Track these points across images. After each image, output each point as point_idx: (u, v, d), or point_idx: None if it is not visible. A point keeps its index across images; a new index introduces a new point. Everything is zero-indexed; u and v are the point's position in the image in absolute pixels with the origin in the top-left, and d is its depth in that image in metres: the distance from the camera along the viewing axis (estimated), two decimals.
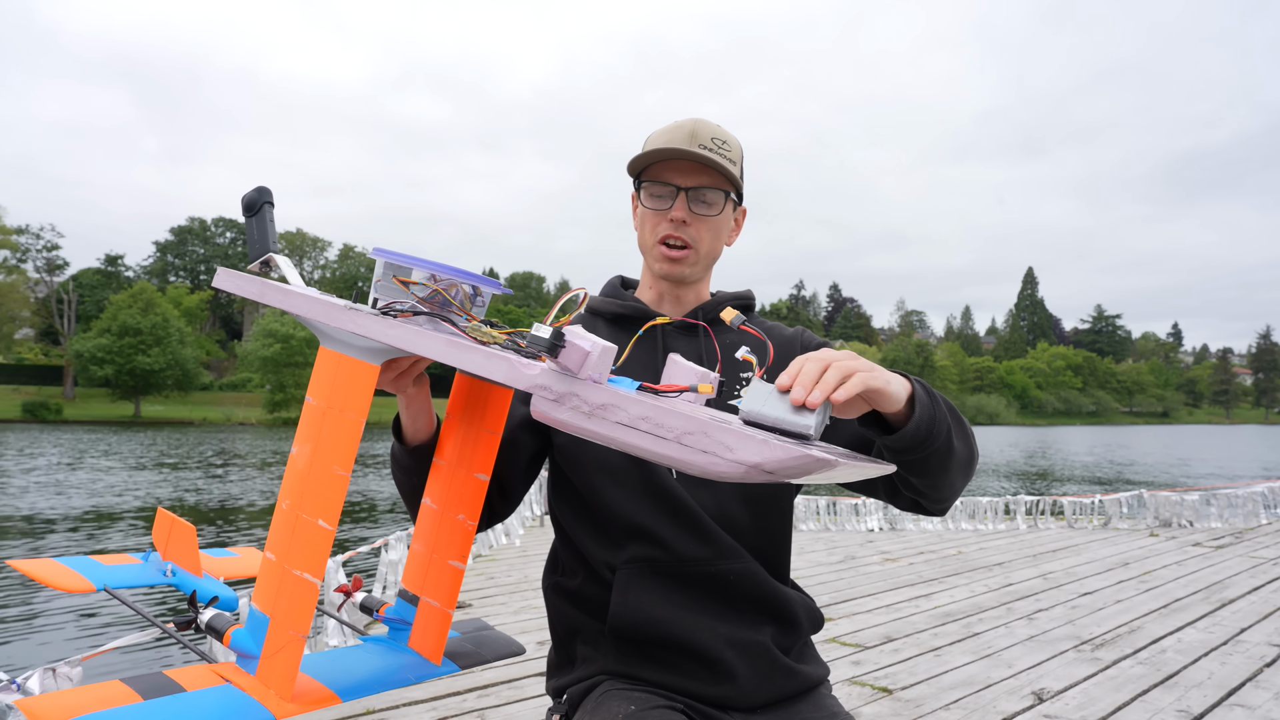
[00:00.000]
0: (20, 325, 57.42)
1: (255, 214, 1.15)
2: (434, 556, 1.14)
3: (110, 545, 9.45)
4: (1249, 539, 7.67)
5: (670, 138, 1.27)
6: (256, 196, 1.16)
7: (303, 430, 0.93)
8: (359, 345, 0.92)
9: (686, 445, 0.73)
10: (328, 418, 0.92)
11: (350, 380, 0.92)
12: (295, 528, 0.91)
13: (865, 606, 4.80)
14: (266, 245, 1.14)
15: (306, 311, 0.96)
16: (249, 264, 1.13)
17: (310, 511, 0.90)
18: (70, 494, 14.08)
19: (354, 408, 0.91)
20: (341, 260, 71.78)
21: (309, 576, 0.89)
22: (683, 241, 1.28)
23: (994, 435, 59.59)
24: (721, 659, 1.21)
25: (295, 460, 0.92)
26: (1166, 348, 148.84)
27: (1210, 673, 3.57)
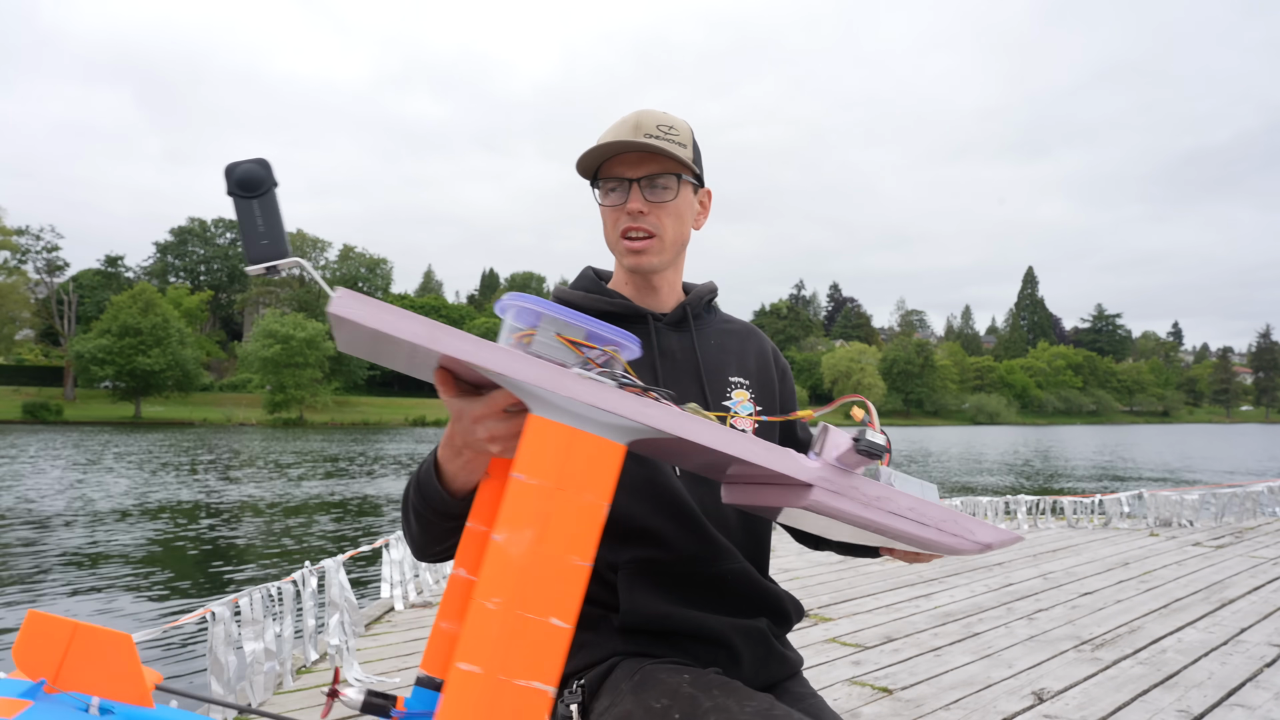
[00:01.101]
0: (20, 326, 57.43)
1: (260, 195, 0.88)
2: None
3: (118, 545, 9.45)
4: (1249, 539, 7.67)
5: (615, 133, 1.26)
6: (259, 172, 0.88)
7: (514, 513, 0.80)
8: (602, 421, 0.82)
9: (943, 530, 0.90)
10: (558, 500, 0.80)
11: (587, 459, 0.82)
12: (517, 630, 0.78)
13: (865, 606, 4.80)
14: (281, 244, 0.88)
15: (519, 374, 0.79)
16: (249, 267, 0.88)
17: (538, 610, 0.79)
18: (89, 494, 14.08)
19: (595, 490, 0.81)
20: (342, 260, 71.78)
21: (539, 685, 0.78)
22: (645, 231, 1.28)
23: (994, 435, 59.56)
24: (730, 642, 1.25)
25: (506, 548, 0.79)
26: (1167, 347, 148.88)
27: (1210, 673, 3.57)
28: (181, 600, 7.08)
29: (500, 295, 0.87)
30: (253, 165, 0.88)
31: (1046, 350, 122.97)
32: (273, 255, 0.87)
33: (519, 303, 0.83)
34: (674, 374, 1.33)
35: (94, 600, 6.98)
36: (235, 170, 0.87)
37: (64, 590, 7.31)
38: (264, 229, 0.88)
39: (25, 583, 7.58)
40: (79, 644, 0.97)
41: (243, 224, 0.87)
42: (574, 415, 0.82)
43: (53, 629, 0.98)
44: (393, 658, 3.72)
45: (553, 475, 0.80)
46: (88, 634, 0.97)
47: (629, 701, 1.13)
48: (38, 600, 6.94)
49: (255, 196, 0.87)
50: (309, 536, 10.54)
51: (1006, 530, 0.93)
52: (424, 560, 1.18)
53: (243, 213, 0.87)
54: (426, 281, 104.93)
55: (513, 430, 0.88)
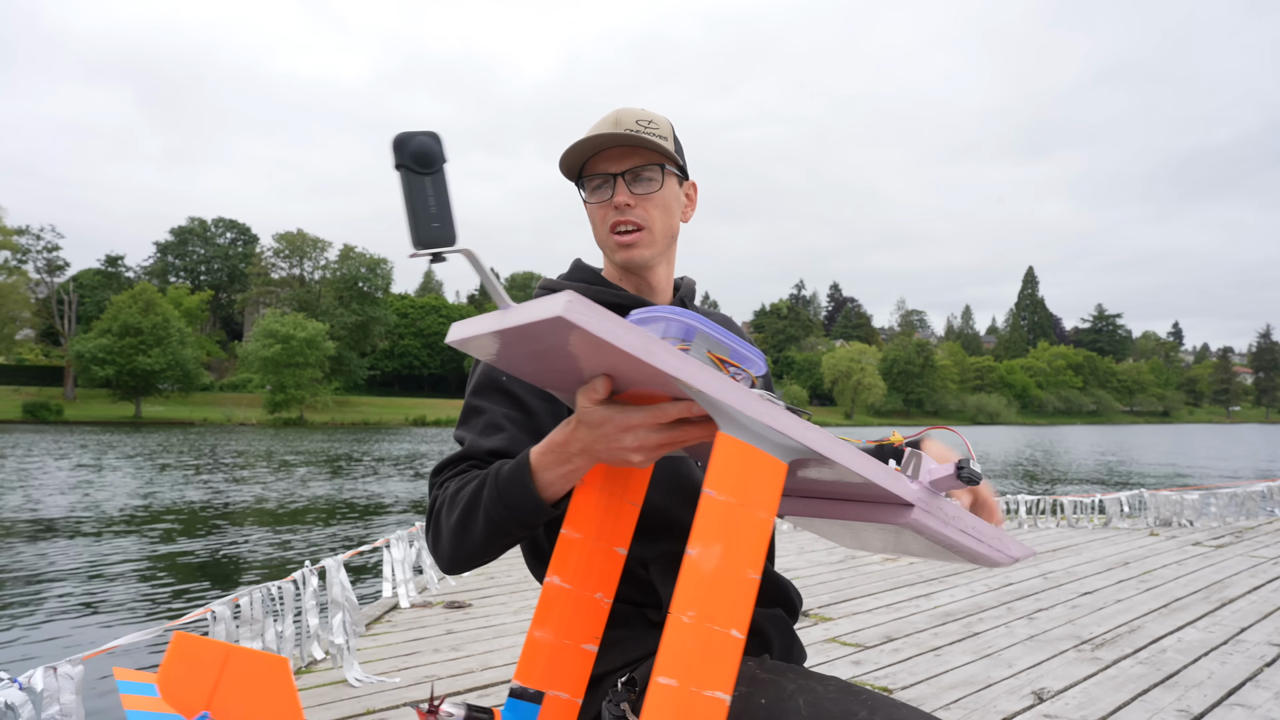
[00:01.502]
0: (21, 326, 57.44)
1: (434, 172, 0.80)
2: (565, 643, 1.03)
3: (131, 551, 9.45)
4: (1249, 538, 7.67)
5: (594, 131, 1.27)
6: (433, 146, 0.80)
7: (706, 528, 0.83)
8: (774, 441, 0.86)
9: (991, 547, 1.00)
10: (740, 516, 0.84)
11: (763, 477, 0.85)
12: (707, 642, 0.80)
13: (865, 606, 4.80)
14: (451, 229, 0.80)
15: (718, 393, 0.82)
16: (418, 250, 0.80)
17: (723, 622, 0.82)
18: (95, 495, 14.08)
19: (766, 506, 0.85)
20: (342, 260, 71.76)
21: (720, 695, 0.81)
22: (633, 224, 1.28)
23: (994, 435, 59.56)
24: (762, 630, 1.28)
25: (699, 563, 0.82)
26: (1167, 347, 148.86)
27: (1210, 672, 3.57)
28: (182, 599, 7.09)
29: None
30: (427, 138, 0.80)
31: (1047, 350, 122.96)
32: (442, 241, 0.80)
33: (671, 316, 0.85)
34: None
35: (95, 600, 6.99)
36: (410, 142, 0.79)
37: (65, 590, 7.31)
38: (435, 210, 0.80)
39: (26, 583, 7.58)
40: (233, 669, 0.94)
41: (413, 202, 0.79)
42: (754, 435, 0.85)
43: (203, 652, 0.95)
44: (393, 658, 3.72)
45: (738, 492, 0.84)
46: (242, 658, 0.95)
47: None
48: (37, 598, 6.94)
49: (429, 173, 0.80)
50: (309, 536, 10.55)
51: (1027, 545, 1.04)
52: (457, 572, 1.13)
53: (414, 190, 0.79)
54: (427, 281, 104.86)
55: (663, 441, 0.90)
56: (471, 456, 1.19)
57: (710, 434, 0.89)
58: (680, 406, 0.87)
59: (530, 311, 0.77)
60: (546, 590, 1.03)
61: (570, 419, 0.97)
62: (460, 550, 1.09)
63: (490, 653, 3.78)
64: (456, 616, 4.51)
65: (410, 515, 12.51)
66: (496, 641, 3.98)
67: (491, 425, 1.22)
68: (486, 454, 1.18)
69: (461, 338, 0.90)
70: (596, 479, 1.04)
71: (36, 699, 1.97)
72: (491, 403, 1.25)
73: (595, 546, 1.04)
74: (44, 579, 7.74)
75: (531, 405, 1.24)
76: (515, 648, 3.86)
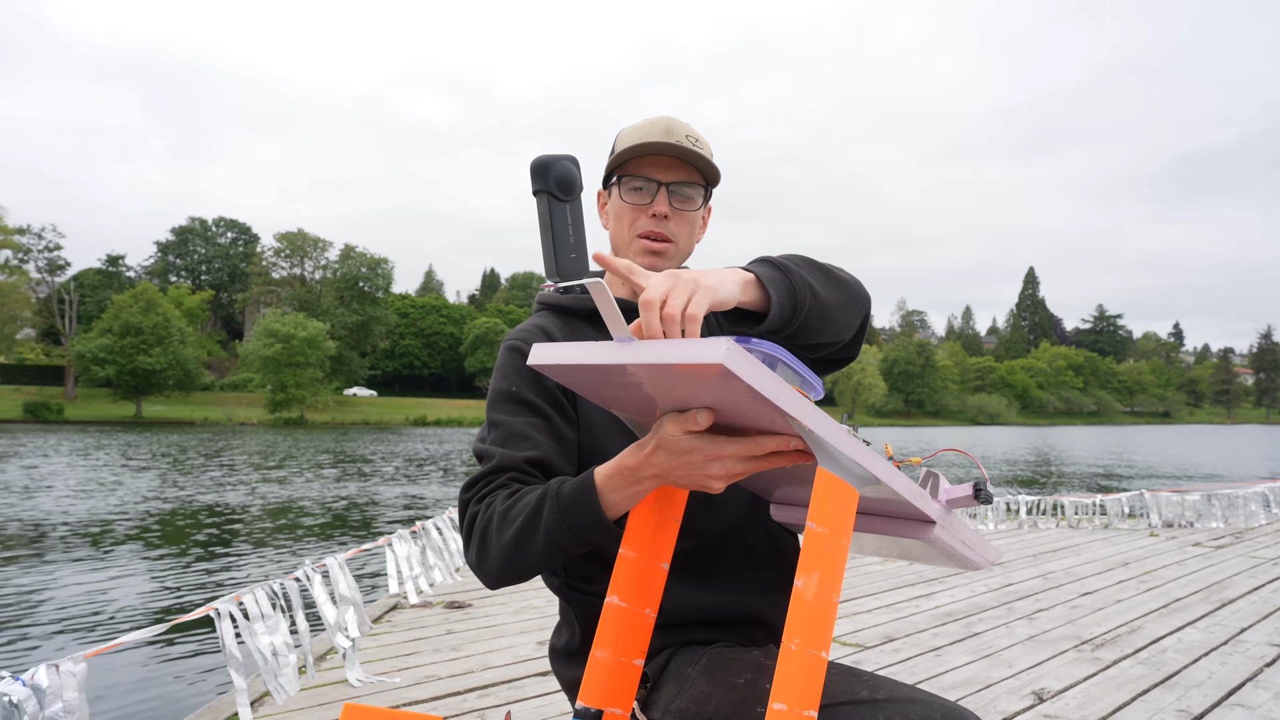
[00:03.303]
0: (22, 325, 57.44)
1: (573, 200, 0.77)
2: (621, 660, 1.06)
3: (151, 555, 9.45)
4: (1249, 539, 7.67)
5: (646, 133, 1.27)
6: (575, 173, 0.77)
7: (810, 559, 0.88)
8: (854, 472, 0.91)
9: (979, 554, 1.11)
10: (830, 545, 0.89)
11: (845, 506, 0.90)
12: (808, 666, 0.86)
13: (865, 606, 4.81)
14: (586, 259, 0.78)
15: (826, 433, 0.87)
16: (556, 282, 0.79)
17: (818, 645, 0.87)
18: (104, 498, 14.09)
19: (846, 534, 0.90)
20: (343, 260, 71.76)
21: (812, 713, 0.86)
22: (665, 237, 1.29)
23: (995, 435, 59.54)
24: (769, 620, 1.29)
25: (804, 592, 0.87)
26: (1168, 348, 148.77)
27: (1210, 672, 3.57)
28: (184, 598, 7.09)
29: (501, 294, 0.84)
30: (569, 164, 0.77)
31: (1047, 351, 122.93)
32: (579, 271, 0.78)
33: (754, 348, 0.86)
34: None
35: (95, 600, 6.99)
36: (554, 167, 0.76)
37: (66, 590, 7.32)
38: (574, 240, 0.78)
39: (27, 582, 7.59)
40: None
41: (554, 230, 0.76)
42: (843, 468, 0.90)
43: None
44: (393, 658, 3.73)
45: (833, 523, 0.89)
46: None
47: (703, 684, 1.15)
48: (39, 597, 6.95)
49: (570, 200, 0.77)
50: (310, 536, 10.55)
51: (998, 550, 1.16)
52: (501, 585, 1.13)
53: (556, 217, 0.76)
54: (427, 281, 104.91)
55: (748, 469, 0.94)
56: (508, 468, 1.18)
57: (792, 462, 0.94)
58: (778, 441, 0.92)
59: (681, 352, 0.77)
60: (607, 611, 1.05)
61: (644, 442, 0.97)
62: (515, 566, 1.10)
63: (490, 653, 3.79)
64: (456, 616, 4.52)
65: (411, 515, 12.51)
66: (497, 642, 3.99)
67: (517, 435, 1.22)
68: (523, 463, 1.18)
69: (553, 363, 0.90)
70: (650, 499, 1.07)
71: (41, 695, 1.97)
72: (509, 414, 1.25)
73: (649, 564, 1.07)
74: (45, 578, 7.75)
75: (547, 411, 1.25)
76: (515, 648, 3.87)
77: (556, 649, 1.39)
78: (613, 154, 1.32)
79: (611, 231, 1.35)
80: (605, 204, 1.37)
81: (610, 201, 1.34)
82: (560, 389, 1.27)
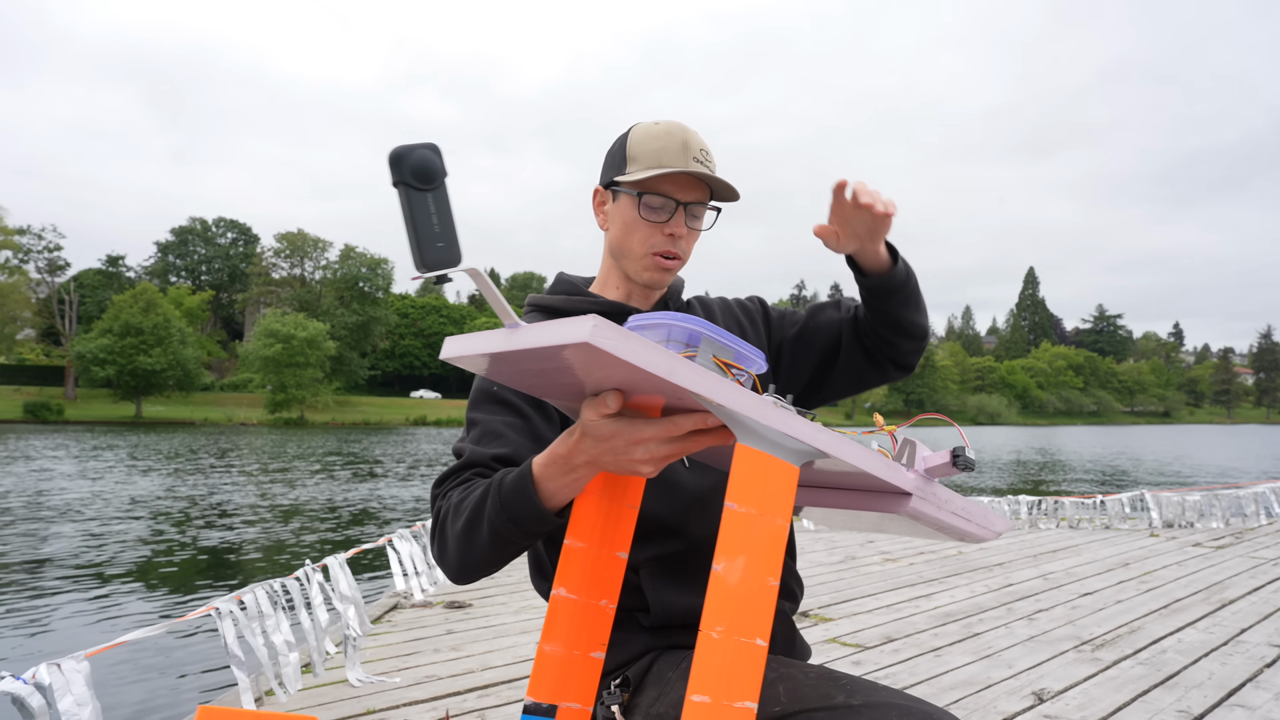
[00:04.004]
0: (22, 326, 57.45)
1: (435, 188, 0.75)
2: (575, 653, 1.02)
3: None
4: (1249, 539, 7.67)
5: (663, 146, 1.25)
6: (434, 160, 0.75)
7: (730, 541, 0.83)
8: (786, 446, 0.86)
9: (979, 525, 1.03)
10: (759, 526, 0.84)
11: (779, 483, 0.86)
12: (736, 655, 0.81)
13: (865, 606, 4.81)
14: (456, 247, 0.76)
15: (737, 406, 0.82)
16: (423, 273, 0.77)
17: (748, 633, 0.82)
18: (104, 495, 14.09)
19: (781, 513, 0.85)
20: (342, 260, 71.73)
21: (749, 704, 0.81)
22: (676, 254, 1.30)
23: (995, 435, 59.53)
24: None
25: (725, 577, 0.82)
26: (1168, 347, 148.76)
27: (1210, 673, 3.57)
28: (185, 598, 7.09)
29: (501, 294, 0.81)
30: (427, 152, 0.75)
31: (1047, 351, 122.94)
32: (448, 261, 0.76)
33: (674, 322, 0.83)
34: None
35: (96, 600, 7.00)
36: (409, 156, 0.74)
37: (66, 591, 7.32)
38: (439, 228, 0.76)
39: (26, 584, 7.59)
40: None
41: (415, 221, 0.74)
42: (770, 443, 0.85)
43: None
44: (393, 658, 3.73)
45: (758, 502, 0.84)
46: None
47: (682, 688, 1.14)
48: (40, 597, 6.95)
49: (430, 189, 0.75)
50: (310, 535, 10.56)
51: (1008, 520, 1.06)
52: (465, 581, 1.13)
53: (416, 207, 0.74)
54: (427, 282, 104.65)
55: (672, 452, 0.90)
56: (474, 464, 1.18)
57: (720, 440, 0.89)
58: (695, 419, 0.88)
59: (553, 334, 0.75)
60: (554, 603, 1.02)
61: (573, 430, 0.95)
62: (467, 560, 1.09)
63: (490, 653, 3.79)
64: (456, 616, 4.52)
65: (412, 515, 12.51)
66: (497, 641, 3.99)
67: (490, 433, 1.22)
68: (490, 460, 1.18)
69: (459, 354, 0.89)
70: (596, 486, 1.04)
71: (48, 693, 1.97)
72: (487, 413, 1.25)
73: (599, 554, 1.03)
74: (47, 577, 7.75)
75: (526, 410, 1.25)
76: (516, 648, 3.87)
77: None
78: (626, 158, 1.29)
79: (615, 237, 1.32)
80: (604, 203, 1.33)
81: (617, 208, 1.31)
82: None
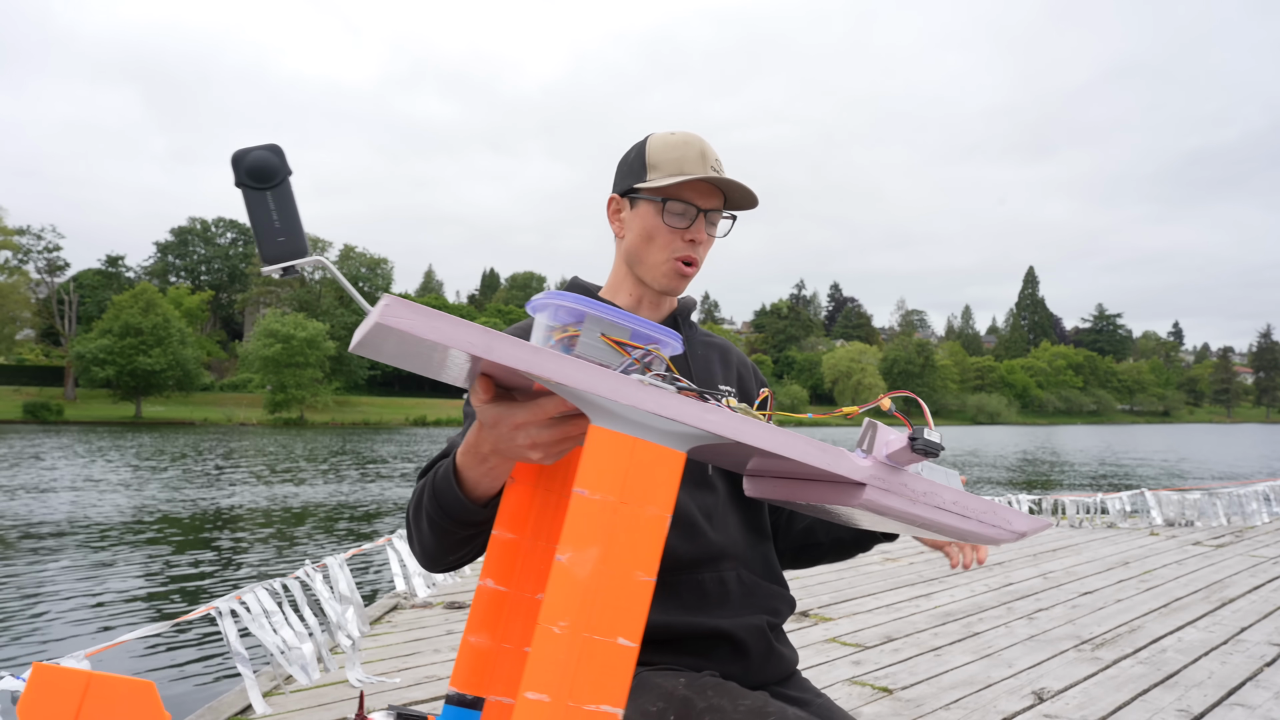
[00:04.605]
0: (21, 326, 57.43)
1: (274, 186, 0.77)
2: (505, 647, 0.96)
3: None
4: (1249, 538, 7.67)
5: (683, 155, 1.27)
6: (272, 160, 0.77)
7: (578, 531, 0.76)
8: (663, 429, 0.78)
9: (983, 522, 0.91)
10: (622, 515, 0.77)
11: (650, 469, 0.78)
12: (584, 653, 0.75)
13: (865, 606, 4.81)
14: (299, 240, 0.77)
15: (578, 382, 0.74)
16: (267, 268, 0.78)
17: (605, 630, 0.76)
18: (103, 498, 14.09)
19: (659, 501, 0.78)
20: (343, 260, 71.72)
21: (608, 708, 0.75)
22: (694, 260, 1.31)
23: (995, 435, 59.54)
24: (734, 636, 1.26)
25: (571, 569, 0.75)
26: (1167, 347, 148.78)
27: (1210, 672, 3.57)
28: (185, 597, 7.09)
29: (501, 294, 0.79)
30: (264, 152, 0.77)
31: (1047, 350, 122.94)
32: (291, 254, 0.76)
33: (559, 301, 0.79)
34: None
35: (97, 599, 6.99)
36: (245, 158, 0.77)
37: (68, 589, 7.32)
38: (280, 224, 0.77)
39: (28, 582, 7.59)
40: (94, 697, 0.88)
41: (255, 219, 0.77)
42: (636, 424, 0.78)
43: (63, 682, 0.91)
44: (393, 658, 3.73)
45: (616, 489, 0.77)
46: (104, 685, 0.91)
47: (627, 708, 1.14)
48: (40, 597, 6.95)
49: (269, 188, 0.77)
50: (310, 536, 10.56)
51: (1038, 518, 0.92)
52: (435, 570, 1.14)
53: (255, 206, 0.76)
54: (427, 281, 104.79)
55: (556, 437, 0.85)
56: (449, 453, 1.18)
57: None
58: (556, 401, 0.82)
59: (369, 319, 0.71)
60: (480, 595, 0.95)
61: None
62: (425, 549, 1.11)
63: None
64: (456, 616, 4.51)
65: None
66: None
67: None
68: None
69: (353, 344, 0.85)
70: (529, 475, 0.99)
71: None
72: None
73: (533, 546, 0.99)
74: (46, 578, 7.75)
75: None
76: None
77: None
78: (646, 166, 1.29)
79: (633, 244, 1.32)
80: (620, 211, 1.34)
81: (636, 214, 1.31)
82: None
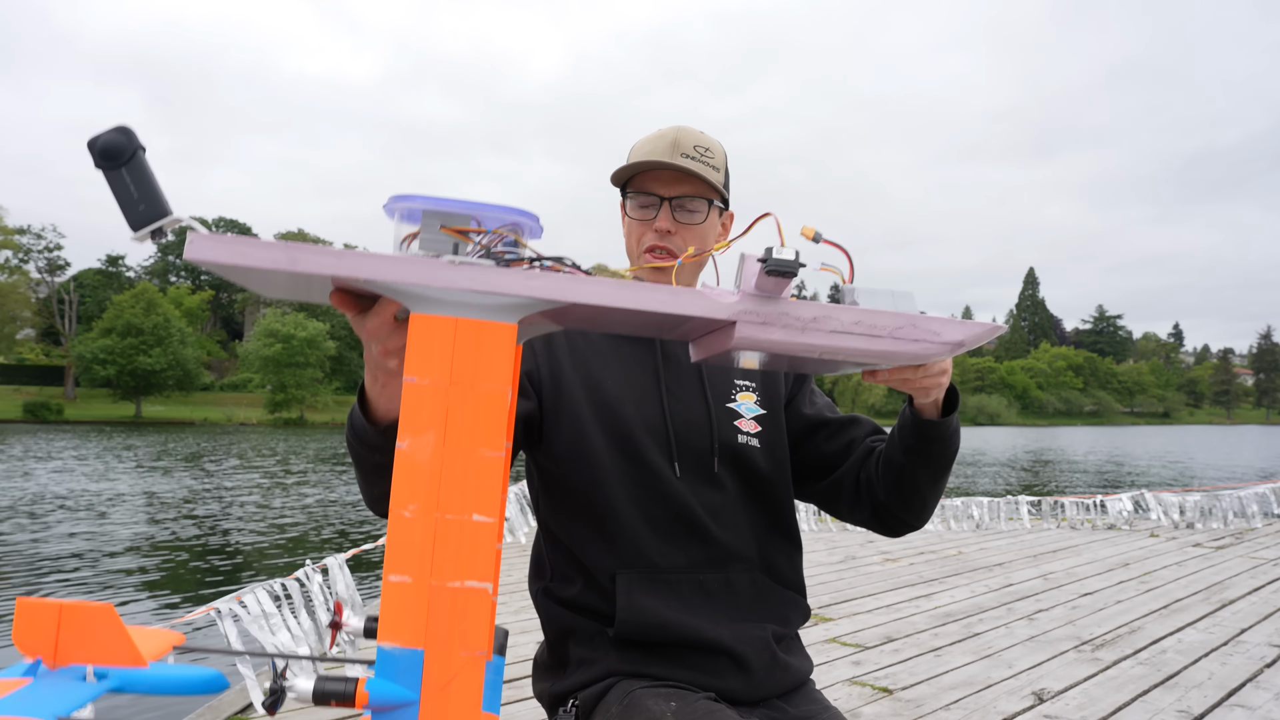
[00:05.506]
0: (22, 326, 57.46)
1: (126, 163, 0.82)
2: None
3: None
4: (1249, 539, 7.68)
5: (653, 148, 1.28)
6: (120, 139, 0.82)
7: (412, 418, 0.76)
8: (486, 305, 0.77)
9: (900, 339, 0.82)
10: (454, 395, 0.76)
11: (482, 347, 0.77)
12: (438, 532, 0.75)
13: (865, 606, 4.81)
14: (159, 204, 0.81)
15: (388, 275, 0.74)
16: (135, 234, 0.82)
17: (456, 509, 0.75)
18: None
19: (495, 376, 0.77)
20: None
21: (474, 583, 0.75)
22: (668, 250, 1.29)
23: (995, 435, 59.55)
24: (733, 650, 1.23)
25: (411, 454, 0.76)
26: (1167, 348, 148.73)
27: (1210, 673, 3.58)
28: (185, 598, 7.10)
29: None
30: (113, 134, 0.81)
31: (1047, 351, 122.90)
32: (153, 217, 0.81)
33: (399, 204, 0.78)
34: (677, 377, 1.34)
35: (95, 599, 6.99)
36: (96, 143, 0.81)
37: (67, 590, 7.32)
38: (138, 195, 0.81)
39: (28, 582, 7.59)
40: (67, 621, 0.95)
41: (117, 195, 0.81)
42: (456, 305, 0.77)
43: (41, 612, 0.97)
44: None
45: (444, 372, 0.77)
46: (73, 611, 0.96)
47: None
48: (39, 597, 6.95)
49: (122, 165, 0.81)
50: (310, 535, 10.56)
51: (980, 323, 0.84)
52: (377, 511, 1.10)
53: (115, 184, 0.81)
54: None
55: (400, 341, 0.83)
56: None
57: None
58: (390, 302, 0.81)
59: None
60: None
61: None
62: (361, 486, 1.11)
63: None
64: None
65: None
66: None
67: None
68: None
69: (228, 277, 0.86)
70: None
71: None
72: None
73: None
74: (46, 578, 7.75)
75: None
76: (515, 648, 3.87)
77: (535, 659, 1.40)
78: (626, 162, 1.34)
79: (625, 243, 1.36)
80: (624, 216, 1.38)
81: (622, 209, 1.36)
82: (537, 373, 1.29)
